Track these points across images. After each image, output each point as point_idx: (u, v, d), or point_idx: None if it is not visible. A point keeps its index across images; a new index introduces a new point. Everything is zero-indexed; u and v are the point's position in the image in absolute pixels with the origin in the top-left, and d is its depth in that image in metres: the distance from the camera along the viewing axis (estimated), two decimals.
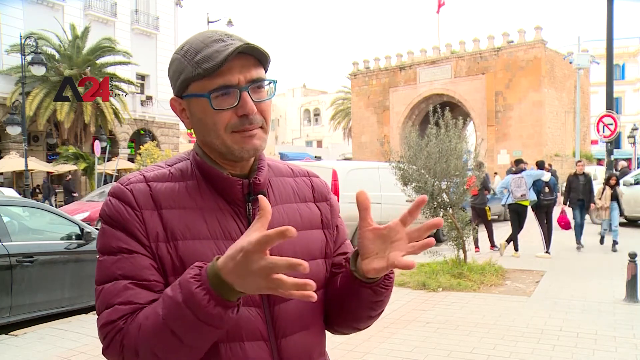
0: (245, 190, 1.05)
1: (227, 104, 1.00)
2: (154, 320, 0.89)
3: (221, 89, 0.99)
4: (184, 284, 0.87)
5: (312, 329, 1.10)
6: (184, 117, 1.08)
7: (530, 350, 4.59)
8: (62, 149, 22.51)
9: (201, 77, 0.99)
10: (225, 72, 0.98)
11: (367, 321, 1.15)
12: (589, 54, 26.30)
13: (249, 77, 1.01)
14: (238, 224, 1.04)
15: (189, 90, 1.03)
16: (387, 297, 1.10)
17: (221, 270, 0.84)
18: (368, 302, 1.08)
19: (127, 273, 0.96)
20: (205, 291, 0.84)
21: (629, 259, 6.30)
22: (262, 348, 1.01)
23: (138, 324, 0.91)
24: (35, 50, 15.98)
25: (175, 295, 0.87)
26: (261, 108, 1.03)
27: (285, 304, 1.04)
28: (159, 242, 0.98)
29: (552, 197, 9.75)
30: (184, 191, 1.03)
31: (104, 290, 0.96)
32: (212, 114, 1.00)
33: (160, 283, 0.97)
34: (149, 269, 0.97)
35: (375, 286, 1.04)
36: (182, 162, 1.10)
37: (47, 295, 5.63)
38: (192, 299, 0.85)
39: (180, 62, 1.03)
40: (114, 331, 0.92)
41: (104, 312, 0.95)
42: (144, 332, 0.90)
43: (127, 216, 0.99)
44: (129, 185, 1.02)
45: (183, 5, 31.36)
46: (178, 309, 0.86)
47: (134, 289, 0.95)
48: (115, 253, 0.98)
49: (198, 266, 0.88)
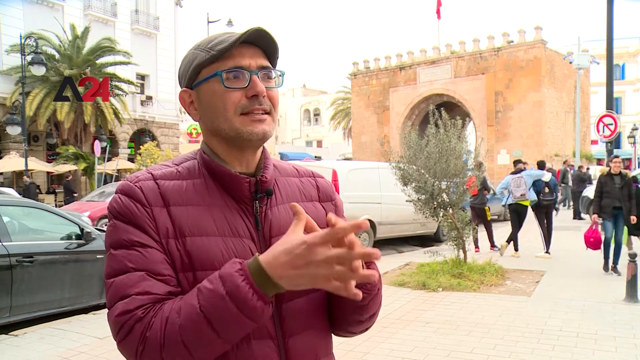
0: (252, 188, 1.06)
1: (238, 84, 1.03)
2: (187, 312, 0.89)
3: (232, 70, 1.02)
4: (228, 277, 0.88)
5: (319, 329, 1.11)
6: (192, 109, 1.10)
7: (530, 350, 4.59)
8: (62, 149, 22.49)
9: (214, 58, 1.03)
10: (236, 55, 1.03)
11: (358, 325, 1.15)
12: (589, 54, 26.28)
13: (259, 64, 1.05)
14: (245, 222, 1.04)
15: (200, 76, 1.06)
16: (373, 302, 1.10)
17: (268, 265, 0.87)
18: (351, 307, 1.08)
19: (141, 266, 0.96)
20: (249, 285, 0.87)
21: (629, 259, 6.30)
22: (269, 346, 1.01)
23: (164, 317, 0.90)
24: (35, 50, 16.00)
25: (217, 288, 0.88)
26: (270, 94, 1.06)
27: (293, 303, 1.04)
28: (169, 238, 0.99)
29: (552, 198, 9.74)
30: (192, 189, 1.04)
31: (116, 282, 0.95)
32: (222, 94, 1.02)
33: (174, 278, 0.98)
34: (162, 263, 0.97)
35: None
36: (189, 161, 1.10)
37: (47, 295, 5.63)
38: (237, 292, 0.86)
39: (192, 53, 1.08)
40: (133, 320, 0.91)
41: (119, 302, 0.93)
42: (173, 325, 0.89)
43: (137, 212, 0.99)
44: (138, 183, 1.03)
45: (183, 5, 31.35)
46: (221, 301, 0.87)
47: (150, 279, 0.95)
48: (128, 247, 0.97)
49: (238, 261, 0.90)
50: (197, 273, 0.98)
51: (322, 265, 0.84)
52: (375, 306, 1.13)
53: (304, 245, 0.84)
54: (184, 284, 0.97)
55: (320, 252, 0.84)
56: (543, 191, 9.59)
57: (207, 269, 0.97)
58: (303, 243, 0.84)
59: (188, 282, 0.97)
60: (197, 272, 0.98)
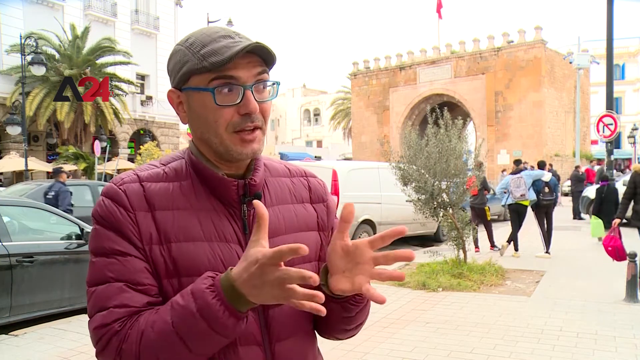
0: (240, 191, 1.03)
1: (230, 101, 0.98)
2: (160, 327, 0.88)
3: (226, 85, 0.97)
4: (199, 294, 0.87)
5: (305, 333, 1.10)
6: (180, 110, 1.05)
7: (530, 350, 4.58)
8: (62, 149, 22.49)
9: (206, 70, 0.97)
10: (230, 68, 0.97)
11: (344, 333, 1.14)
12: (589, 54, 26.33)
13: (254, 74, 0.99)
14: (233, 226, 1.02)
15: (189, 83, 1.00)
16: (360, 313, 1.08)
17: (236, 281, 0.85)
18: (339, 317, 1.06)
19: (120, 276, 0.94)
20: (220, 302, 0.85)
21: (629, 259, 6.30)
22: (256, 353, 1.00)
23: (140, 330, 0.89)
24: (35, 50, 15.98)
25: (188, 304, 0.87)
26: (262, 108, 1.01)
27: (280, 308, 1.02)
28: (153, 244, 0.96)
29: (551, 197, 9.73)
30: (178, 192, 1.01)
31: (97, 293, 0.94)
32: (214, 110, 0.98)
33: (154, 287, 0.96)
34: (143, 272, 0.95)
35: (344, 302, 1.02)
36: (177, 161, 1.07)
37: (47, 295, 5.62)
38: (207, 309, 0.85)
39: (184, 53, 1.01)
40: (109, 334, 0.91)
41: (97, 314, 0.93)
42: (148, 339, 0.88)
43: (120, 218, 0.96)
44: (122, 186, 0.99)
45: (183, 5, 31.39)
46: (192, 319, 0.86)
47: (129, 291, 0.93)
48: (108, 255, 0.95)
49: (211, 276, 0.89)
50: (183, 279, 0.96)
51: (275, 285, 0.83)
52: (363, 317, 1.11)
53: (257, 265, 0.83)
54: (168, 290, 0.96)
55: (270, 272, 0.83)
56: (543, 191, 9.59)
57: (192, 274, 0.94)
58: (256, 262, 0.84)
59: (173, 288, 0.96)
60: (183, 279, 0.96)
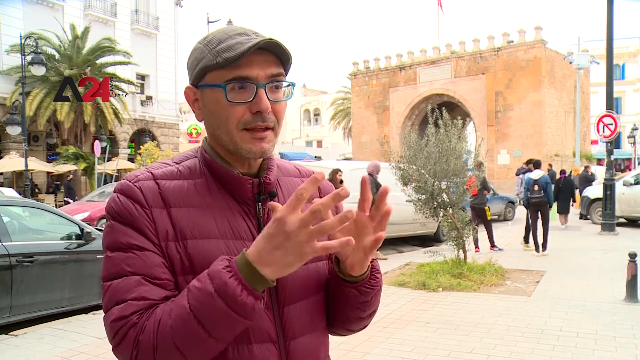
0: (255, 189, 1.04)
1: (242, 98, 0.98)
2: (178, 313, 0.87)
3: (238, 81, 0.98)
4: (215, 274, 0.87)
5: (319, 331, 1.10)
6: (196, 107, 1.06)
7: (530, 350, 4.58)
8: (62, 149, 22.49)
9: (220, 66, 0.97)
10: (244, 64, 0.97)
11: (358, 323, 1.14)
12: (589, 54, 26.30)
13: (268, 74, 0.99)
14: (247, 224, 1.03)
15: (205, 79, 1.01)
16: (375, 298, 1.10)
17: (254, 257, 0.86)
18: (355, 303, 1.07)
19: (138, 270, 0.94)
20: (237, 281, 0.85)
21: (629, 259, 6.30)
22: (270, 350, 1.00)
23: (157, 319, 0.89)
24: (35, 50, 15.98)
25: (205, 286, 0.86)
26: (276, 108, 1.02)
27: (294, 306, 1.03)
28: (169, 241, 0.97)
29: (539, 195, 9.65)
30: (193, 189, 1.02)
31: (113, 286, 0.94)
32: (226, 106, 0.99)
33: (171, 282, 0.96)
34: (160, 267, 0.95)
35: (360, 286, 1.04)
36: (190, 159, 1.08)
37: (47, 295, 5.63)
38: (225, 288, 0.85)
39: (201, 50, 1.02)
40: (127, 326, 0.90)
41: (115, 307, 0.92)
42: (165, 326, 0.87)
43: (136, 214, 0.96)
44: (137, 183, 1.00)
45: (183, 5, 31.36)
46: (209, 299, 0.85)
47: (147, 285, 0.93)
48: (126, 249, 0.95)
49: (227, 258, 0.89)
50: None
51: (300, 232, 0.83)
52: (377, 302, 1.12)
53: (275, 223, 0.84)
54: (183, 287, 0.94)
55: (291, 220, 0.83)
56: (532, 189, 9.63)
57: None
58: (274, 222, 0.84)
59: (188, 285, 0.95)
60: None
